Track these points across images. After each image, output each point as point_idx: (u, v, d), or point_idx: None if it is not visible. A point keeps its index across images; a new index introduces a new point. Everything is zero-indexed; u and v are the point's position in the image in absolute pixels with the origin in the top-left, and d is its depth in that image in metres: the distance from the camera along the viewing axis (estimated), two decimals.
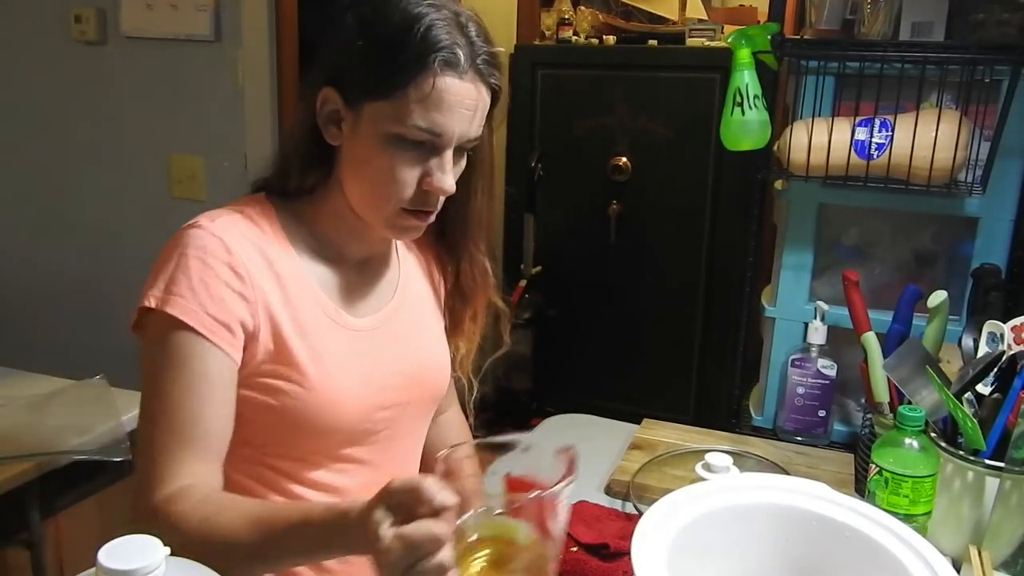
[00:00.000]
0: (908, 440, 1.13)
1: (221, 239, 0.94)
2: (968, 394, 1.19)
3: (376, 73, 0.92)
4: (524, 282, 2.79)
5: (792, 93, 1.72)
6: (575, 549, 1.16)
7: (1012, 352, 1.20)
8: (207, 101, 2.31)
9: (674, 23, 2.85)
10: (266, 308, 0.96)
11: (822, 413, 1.64)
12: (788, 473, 1.36)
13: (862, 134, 1.56)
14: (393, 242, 1.13)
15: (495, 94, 0.98)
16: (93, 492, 2.08)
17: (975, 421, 1.13)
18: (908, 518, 1.10)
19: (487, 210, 1.12)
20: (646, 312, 2.82)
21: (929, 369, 1.19)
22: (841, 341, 1.65)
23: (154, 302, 0.92)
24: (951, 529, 1.14)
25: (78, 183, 2.50)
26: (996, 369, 1.18)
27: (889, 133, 1.54)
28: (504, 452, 0.86)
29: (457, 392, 1.26)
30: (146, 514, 0.87)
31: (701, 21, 2.81)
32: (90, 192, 2.49)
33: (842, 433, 1.69)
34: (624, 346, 2.86)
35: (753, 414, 1.82)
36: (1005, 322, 1.25)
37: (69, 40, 2.39)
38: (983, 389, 1.20)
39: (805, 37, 1.73)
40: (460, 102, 0.93)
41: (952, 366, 1.31)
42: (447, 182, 0.96)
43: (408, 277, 1.14)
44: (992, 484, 1.11)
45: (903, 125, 1.54)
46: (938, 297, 1.36)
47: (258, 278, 0.96)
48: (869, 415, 1.44)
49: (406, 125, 0.92)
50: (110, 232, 2.49)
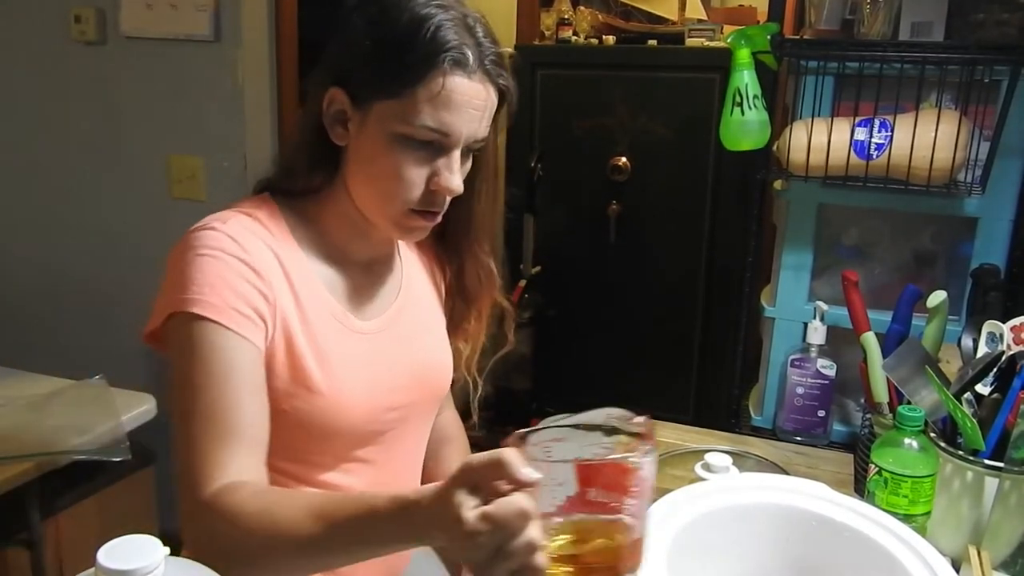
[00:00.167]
0: (907, 440, 1.13)
1: (235, 239, 0.93)
2: (967, 394, 1.19)
3: (385, 73, 0.92)
4: (524, 282, 2.80)
5: (791, 93, 1.72)
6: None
7: (1011, 352, 1.20)
8: (207, 101, 2.31)
9: (674, 23, 2.85)
10: (281, 310, 0.95)
11: (821, 413, 1.64)
12: (787, 473, 1.36)
13: (861, 134, 1.56)
14: (396, 243, 1.12)
15: (502, 95, 0.98)
16: (93, 492, 2.08)
17: (974, 421, 1.13)
18: (907, 518, 1.10)
19: (492, 211, 1.11)
20: (646, 312, 2.82)
21: (928, 369, 1.19)
22: (841, 341, 1.65)
23: (174, 307, 0.90)
24: (950, 529, 1.15)
25: (78, 183, 2.50)
26: (995, 369, 1.18)
27: (888, 133, 1.55)
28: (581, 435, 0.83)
29: (460, 391, 1.26)
30: (197, 512, 0.84)
31: (701, 21, 2.81)
32: (90, 192, 2.49)
33: (841, 433, 1.69)
34: (624, 346, 2.86)
35: (752, 414, 1.82)
36: (1004, 322, 1.25)
37: (69, 40, 2.39)
38: (982, 389, 1.20)
39: (804, 37, 1.73)
40: (469, 102, 0.93)
41: (951, 366, 1.31)
42: (455, 182, 0.96)
43: (411, 278, 1.13)
44: (991, 484, 1.11)
45: (902, 125, 1.54)
46: (937, 297, 1.36)
47: (273, 278, 0.95)
48: (868, 415, 1.44)
49: (414, 125, 0.92)
50: (110, 232, 2.49)
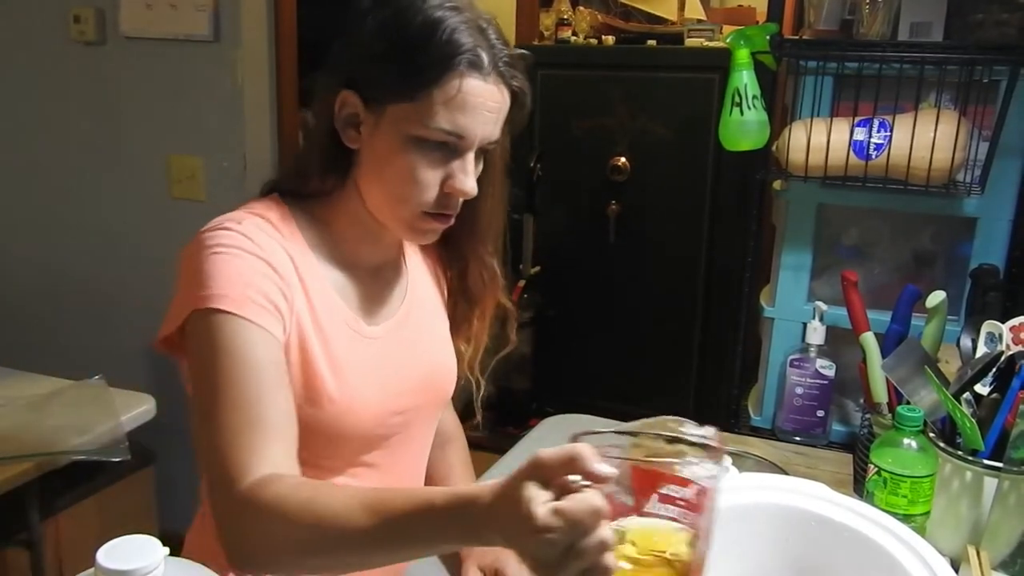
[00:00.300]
0: (907, 440, 1.13)
1: (251, 238, 0.93)
2: (966, 394, 1.19)
3: (399, 75, 0.91)
4: (523, 282, 2.80)
5: (791, 93, 1.72)
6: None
7: (1010, 352, 1.20)
8: (206, 101, 2.31)
9: (673, 23, 2.85)
10: (296, 312, 0.95)
11: (821, 413, 1.64)
12: (787, 473, 1.36)
13: (861, 134, 1.56)
14: (402, 246, 1.12)
15: (514, 96, 0.97)
16: (92, 492, 2.08)
17: (973, 421, 1.13)
18: (907, 518, 1.10)
19: (498, 212, 1.11)
20: (645, 312, 2.82)
21: (928, 369, 1.19)
22: (840, 341, 1.65)
23: (194, 306, 0.89)
24: (949, 529, 1.15)
25: (77, 183, 2.50)
26: (994, 369, 1.19)
27: (888, 133, 1.55)
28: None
29: (461, 391, 1.25)
30: (234, 506, 0.80)
31: (700, 21, 2.81)
32: (90, 192, 2.49)
33: (841, 433, 1.69)
34: (623, 346, 2.86)
35: (752, 414, 1.82)
36: (1003, 322, 1.26)
37: (68, 40, 2.39)
38: (981, 389, 1.20)
39: (804, 37, 1.73)
40: (483, 104, 0.92)
41: (951, 366, 1.31)
42: (469, 184, 0.95)
43: (416, 281, 1.13)
44: (990, 484, 1.11)
45: (902, 125, 1.54)
46: (937, 297, 1.36)
47: (289, 279, 0.95)
48: (868, 415, 1.44)
49: (429, 127, 0.91)
50: (109, 232, 2.49)
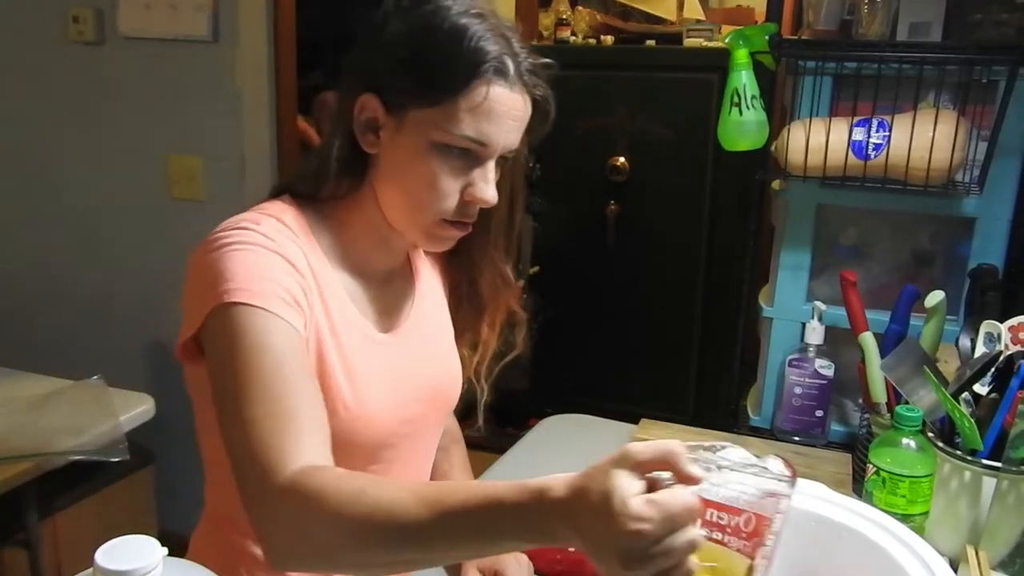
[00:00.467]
0: (905, 440, 1.13)
1: (270, 238, 0.92)
2: (965, 394, 1.20)
3: (425, 80, 0.91)
4: (522, 282, 2.80)
5: (790, 93, 1.72)
6: (572, 549, 1.16)
7: (1009, 352, 1.20)
8: (205, 102, 2.31)
9: (672, 23, 2.85)
10: (315, 316, 0.93)
11: (819, 413, 1.64)
12: None
13: (859, 134, 1.56)
14: (410, 251, 1.10)
15: (536, 104, 0.97)
16: (91, 493, 2.08)
17: (972, 421, 1.13)
18: (905, 518, 1.10)
19: (513, 219, 1.09)
20: (644, 312, 2.82)
21: (926, 369, 1.19)
22: (839, 341, 1.65)
23: (214, 302, 0.86)
24: (948, 529, 1.15)
25: (76, 183, 2.50)
26: (993, 369, 1.19)
27: (887, 133, 1.55)
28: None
29: (464, 395, 1.23)
30: (274, 499, 0.76)
31: (699, 21, 2.81)
32: (88, 192, 2.49)
33: (840, 433, 1.69)
34: (622, 346, 2.86)
35: (751, 414, 1.82)
36: (1002, 322, 1.26)
37: (67, 40, 2.39)
38: (980, 389, 1.20)
39: (803, 37, 1.73)
40: (508, 112, 0.92)
41: (949, 366, 1.31)
42: (490, 193, 0.94)
43: (424, 287, 1.12)
44: (989, 484, 1.11)
45: (900, 125, 1.54)
46: (935, 297, 1.36)
47: (309, 281, 0.93)
48: (866, 415, 1.44)
49: (453, 134, 0.90)
50: (109, 232, 2.49)
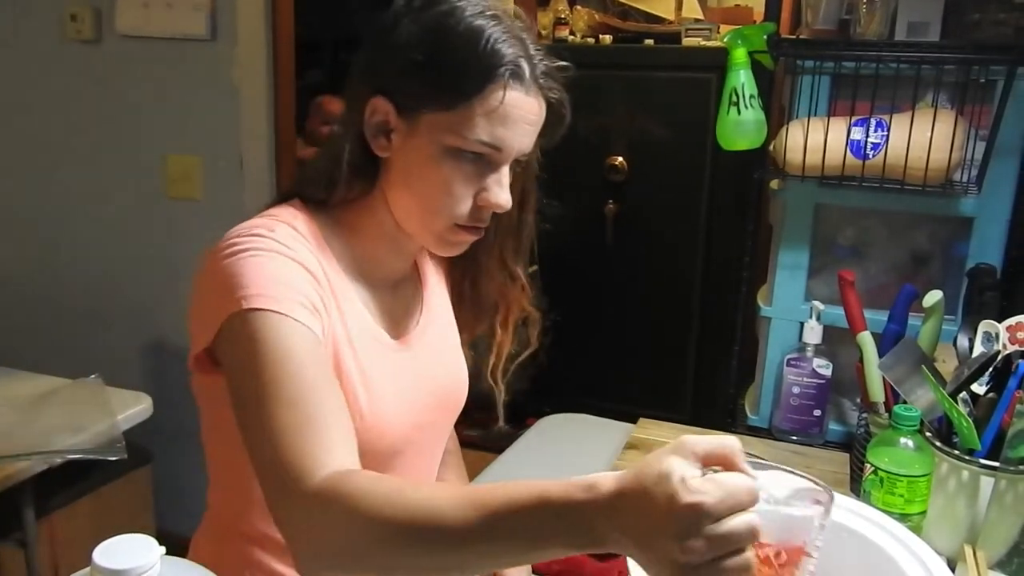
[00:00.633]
0: (903, 440, 1.13)
1: (288, 246, 0.89)
2: (963, 394, 1.20)
3: (440, 84, 0.89)
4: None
5: (788, 93, 1.72)
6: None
7: (1007, 352, 1.20)
8: (203, 100, 2.31)
9: (670, 23, 2.85)
10: (331, 323, 0.92)
11: (818, 413, 1.64)
12: None
13: (858, 134, 1.56)
14: (417, 256, 1.09)
15: (550, 107, 0.95)
16: (88, 491, 2.08)
17: (970, 421, 1.13)
18: (903, 517, 1.10)
19: (527, 220, 1.08)
20: (642, 311, 2.82)
21: (924, 369, 1.19)
22: (837, 341, 1.65)
23: (232, 309, 0.83)
24: (946, 528, 1.15)
25: (73, 182, 2.50)
26: (991, 369, 1.19)
27: (885, 133, 1.55)
28: None
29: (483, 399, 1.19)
30: (306, 504, 0.74)
31: (697, 21, 2.81)
32: (86, 191, 2.49)
33: (838, 433, 1.69)
34: (620, 346, 2.86)
35: (749, 413, 1.82)
36: (1000, 322, 1.26)
37: (65, 39, 2.38)
38: (978, 389, 1.20)
39: (801, 37, 1.73)
40: (524, 116, 0.91)
41: (947, 366, 1.31)
42: (504, 197, 0.93)
43: (431, 292, 1.11)
44: (987, 483, 1.11)
45: (899, 125, 1.54)
46: (933, 297, 1.36)
47: (325, 289, 0.92)
48: (864, 415, 1.44)
49: (468, 138, 0.89)
50: (106, 231, 2.49)
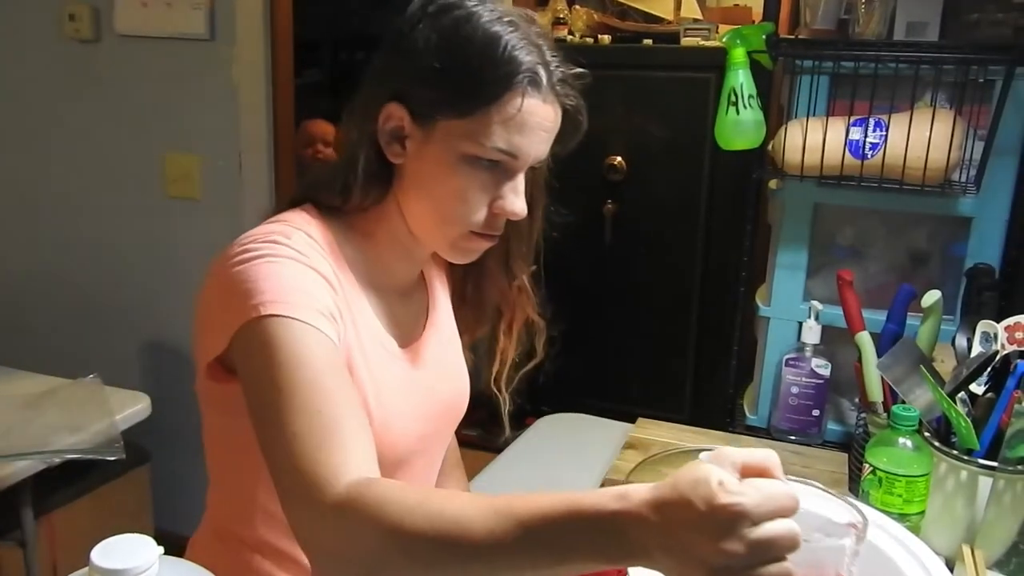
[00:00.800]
0: (902, 440, 1.13)
1: (304, 254, 0.88)
2: (962, 394, 1.20)
3: (457, 91, 0.88)
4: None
5: (787, 93, 1.72)
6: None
7: (1005, 352, 1.20)
8: (202, 100, 2.31)
9: (669, 23, 2.84)
10: (346, 331, 0.91)
11: (816, 412, 1.64)
12: None
13: (856, 134, 1.56)
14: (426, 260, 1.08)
15: (566, 113, 0.95)
16: (86, 491, 2.08)
17: (968, 421, 1.13)
18: (902, 517, 1.10)
19: (536, 226, 1.08)
20: (641, 311, 2.82)
21: (923, 368, 1.19)
22: (835, 341, 1.65)
23: (247, 316, 0.82)
24: (945, 528, 1.15)
25: (72, 182, 2.49)
26: (990, 369, 1.19)
27: (883, 133, 1.55)
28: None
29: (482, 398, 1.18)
30: (327, 513, 0.72)
31: (696, 21, 2.81)
32: (84, 191, 2.49)
33: (836, 432, 1.69)
34: (619, 345, 2.86)
35: (747, 413, 1.82)
36: (999, 322, 1.26)
37: (63, 38, 2.38)
38: (977, 389, 1.20)
39: (800, 37, 1.73)
40: (540, 124, 0.90)
41: (946, 366, 1.31)
42: (519, 205, 0.93)
43: (436, 301, 1.11)
44: (985, 483, 1.11)
45: (897, 125, 1.54)
46: (932, 297, 1.36)
47: (339, 297, 0.91)
48: (863, 414, 1.44)
49: (484, 146, 0.88)
50: (104, 231, 2.48)
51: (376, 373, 0.95)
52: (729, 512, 0.55)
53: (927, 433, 1.17)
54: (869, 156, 1.56)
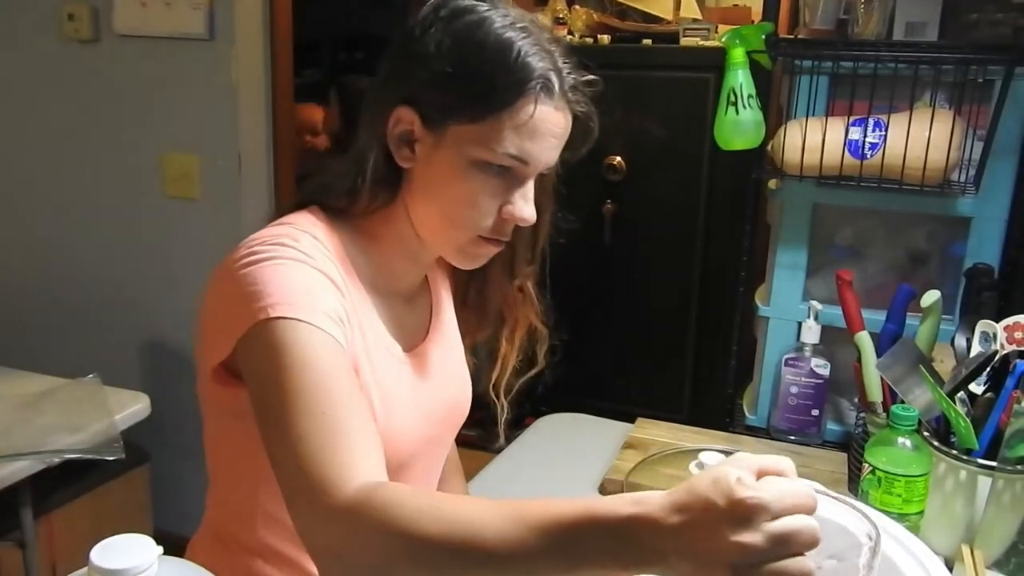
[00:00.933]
0: (901, 439, 1.13)
1: (312, 256, 0.88)
2: (961, 393, 1.20)
3: (469, 96, 0.88)
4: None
5: (786, 93, 1.72)
6: None
7: (1005, 352, 1.20)
8: (201, 99, 2.31)
9: (669, 22, 2.84)
10: (353, 337, 0.91)
11: (815, 412, 1.64)
12: None
13: (856, 134, 1.56)
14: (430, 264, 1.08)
15: (576, 119, 0.95)
16: (86, 491, 2.08)
17: (968, 420, 1.13)
18: (901, 517, 1.10)
19: (542, 232, 1.07)
20: (640, 311, 2.82)
21: (922, 368, 1.19)
22: (835, 340, 1.65)
23: (254, 319, 0.81)
24: (944, 528, 1.15)
25: (71, 181, 2.49)
26: (989, 368, 1.19)
27: (883, 133, 1.55)
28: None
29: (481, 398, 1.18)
30: (335, 517, 0.71)
31: (696, 21, 2.81)
32: (84, 191, 2.48)
33: (835, 432, 1.69)
34: (618, 345, 2.86)
35: (747, 413, 1.82)
36: (998, 322, 1.26)
37: (62, 38, 2.38)
38: (976, 388, 1.21)
39: (799, 37, 1.73)
40: (551, 130, 0.90)
41: (945, 365, 1.31)
42: (528, 211, 0.92)
43: (440, 305, 1.10)
44: (985, 483, 1.11)
45: (897, 125, 1.54)
46: (931, 297, 1.36)
47: (346, 301, 0.90)
48: (862, 414, 1.44)
49: (495, 151, 0.88)
50: (103, 230, 2.48)
51: (381, 377, 0.95)
52: (748, 505, 0.56)
53: (926, 433, 1.17)
54: (868, 156, 1.56)
